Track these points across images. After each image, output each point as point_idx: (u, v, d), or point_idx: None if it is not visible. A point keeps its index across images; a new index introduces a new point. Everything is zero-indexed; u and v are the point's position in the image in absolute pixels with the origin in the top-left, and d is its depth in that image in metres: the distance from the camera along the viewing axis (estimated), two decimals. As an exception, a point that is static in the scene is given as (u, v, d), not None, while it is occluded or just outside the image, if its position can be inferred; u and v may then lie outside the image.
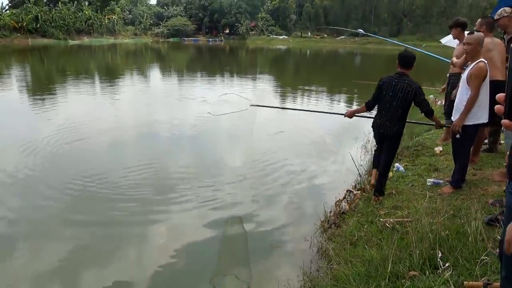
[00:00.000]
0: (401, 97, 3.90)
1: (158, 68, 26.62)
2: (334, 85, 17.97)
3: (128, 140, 7.75)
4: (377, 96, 4.09)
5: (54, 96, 12.51)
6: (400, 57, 4.01)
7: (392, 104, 3.95)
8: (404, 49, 4.42)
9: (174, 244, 3.94)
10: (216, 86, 16.46)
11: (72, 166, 6.01)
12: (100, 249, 3.90)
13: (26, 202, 4.85)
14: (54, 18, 56.38)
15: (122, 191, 5.17)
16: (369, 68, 29.61)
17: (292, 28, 78.20)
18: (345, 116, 4.52)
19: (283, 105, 12.04)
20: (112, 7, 69.71)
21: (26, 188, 5.23)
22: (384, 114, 4.03)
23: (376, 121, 4.15)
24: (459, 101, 3.83)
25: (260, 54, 46.61)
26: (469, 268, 2.51)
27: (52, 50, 39.42)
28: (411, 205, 3.72)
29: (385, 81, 4.02)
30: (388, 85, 3.98)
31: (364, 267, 2.82)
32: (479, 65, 3.60)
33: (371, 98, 4.16)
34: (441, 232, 2.87)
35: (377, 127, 4.14)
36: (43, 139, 7.20)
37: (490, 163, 4.74)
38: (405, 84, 3.90)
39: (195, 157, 6.78)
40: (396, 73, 4.02)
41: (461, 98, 3.80)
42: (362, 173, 5.41)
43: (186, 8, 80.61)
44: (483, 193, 3.85)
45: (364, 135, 7.31)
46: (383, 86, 4.01)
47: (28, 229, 4.26)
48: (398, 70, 4.02)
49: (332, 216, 4.27)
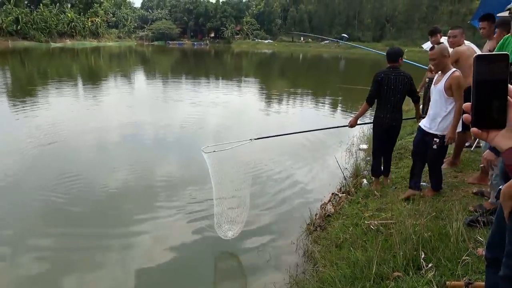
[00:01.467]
0: (401, 89, 4.20)
1: (143, 71, 26.38)
2: (319, 89, 18.12)
3: (110, 144, 7.64)
4: (376, 91, 4.27)
5: (35, 99, 12.24)
6: (387, 54, 4.33)
7: (396, 96, 4.23)
8: (391, 46, 4.64)
9: (159, 250, 3.90)
10: (202, 89, 16.42)
11: (50, 170, 5.89)
12: (80, 259, 3.83)
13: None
14: (35, 20, 55.16)
15: (103, 196, 5.10)
16: (353, 72, 30.00)
17: (277, 32, 78.60)
18: (349, 126, 4.74)
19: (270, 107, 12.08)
20: (96, 9, 68.69)
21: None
22: (390, 108, 4.27)
23: (386, 116, 4.31)
24: (437, 112, 3.74)
25: (246, 58, 46.67)
26: (451, 268, 2.57)
27: (33, 53, 38.61)
28: (395, 207, 3.78)
29: (383, 76, 4.23)
30: (387, 79, 4.21)
31: (350, 269, 2.85)
32: (457, 75, 3.57)
33: (371, 94, 4.35)
34: (424, 233, 2.93)
35: (386, 122, 4.34)
36: (21, 142, 7.06)
37: (471, 165, 4.86)
38: (401, 76, 4.21)
39: (180, 162, 6.74)
40: (389, 68, 4.27)
41: (439, 109, 3.72)
42: (347, 176, 5.48)
43: (171, 11, 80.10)
44: (464, 195, 3.94)
45: (349, 139, 7.41)
46: (383, 81, 4.22)
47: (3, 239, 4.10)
48: (389, 65, 4.28)
49: (318, 219, 4.31)
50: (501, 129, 0.70)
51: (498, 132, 0.70)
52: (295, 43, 72.26)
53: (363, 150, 6.89)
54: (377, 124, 4.49)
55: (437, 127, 3.73)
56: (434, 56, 3.64)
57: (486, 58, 0.71)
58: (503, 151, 0.70)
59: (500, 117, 0.70)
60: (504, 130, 0.70)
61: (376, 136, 4.64)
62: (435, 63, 3.68)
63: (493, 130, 0.71)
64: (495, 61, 0.70)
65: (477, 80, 0.71)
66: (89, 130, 8.30)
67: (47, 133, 7.89)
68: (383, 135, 4.52)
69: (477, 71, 0.71)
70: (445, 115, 3.67)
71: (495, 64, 0.70)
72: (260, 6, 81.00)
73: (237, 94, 15.77)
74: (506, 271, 1.63)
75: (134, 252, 3.87)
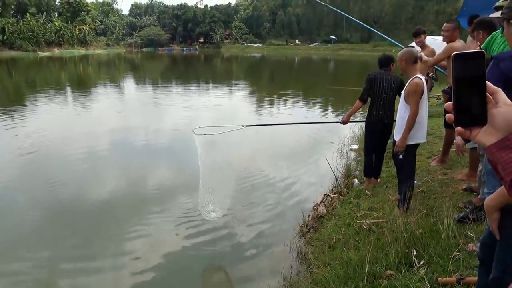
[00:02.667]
0: (394, 87, 4.29)
1: (132, 77, 26.27)
2: (309, 91, 18.20)
3: (100, 150, 7.54)
4: (369, 89, 4.35)
5: (23, 108, 12.12)
6: (379, 61, 4.47)
7: (389, 94, 4.30)
8: (382, 54, 4.73)
9: (152, 256, 3.87)
10: (192, 94, 16.40)
11: (38, 178, 5.84)
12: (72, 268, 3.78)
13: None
14: (22, 30, 54.66)
15: (91, 205, 5.05)
16: (342, 74, 30.22)
17: (266, 36, 78.99)
18: (341, 123, 4.82)
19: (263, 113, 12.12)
20: (83, 17, 68.41)
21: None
22: (383, 104, 4.33)
23: (378, 113, 4.35)
24: (399, 118, 3.67)
25: (235, 62, 46.77)
26: (443, 265, 2.59)
27: (20, 62, 38.24)
28: (386, 206, 3.81)
29: (375, 75, 4.33)
30: (380, 77, 4.30)
31: (343, 269, 2.86)
32: (415, 81, 3.48)
33: (364, 92, 4.42)
34: (415, 231, 2.95)
35: (379, 119, 4.37)
36: (7, 151, 6.98)
37: (460, 162, 4.91)
38: (393, 77, 4.33)
39: (171, 167, 6.71)
40: (380, 70, 4.40)
41: (400, 115, 3.66)
42: (338, 177, 5.49)
43: (159, 17, 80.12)
44: (454, 192, 3.98)
45: (340, 139, 7.43)
46: (375, 79, 4.31)
47: None
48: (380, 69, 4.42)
49: (311, 220, 4.31)
50: (482, 126, 0.71)
51: (480, 129, 0.71)
52: (284, 46, 72.61)
53: (354, 150, 6.92)
54: (369, 121, 4.52)
55: (399, 134, 3.65)
56: (397, 58, 3.68)
57: (463, 56, 0.72)
58: (486, 147, 0.71)
59: (481, 114, 0.71)
60: (485, 126, 0.71)
61: (368, 134, 4.66)
62: (398, 66, 3.69)
63: (475, 127, 0.72)
64: (471, 58, 0.71)
65: (457, 79, 0.72)
66: (77, 138, 8.22)
67: (34, 141, 7.80)
68: (375, 134, 4.52)
69: (456, 70, 0.72)
70: (404, 123, 3.57)
71: (472, 62, 0.71)
72: (249, 10, 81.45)
73: (228, 97, 15.79)
74: (496, 274, 1.66)
75: (125, 261, 3.83)
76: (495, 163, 0.71)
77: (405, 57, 3.57)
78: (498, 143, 0.69)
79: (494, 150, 0.69)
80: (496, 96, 0.71)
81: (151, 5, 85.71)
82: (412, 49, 3.78)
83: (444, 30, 4.77)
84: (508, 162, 0.68)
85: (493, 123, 0.70)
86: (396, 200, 3.82)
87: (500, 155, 0.69)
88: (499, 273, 1.65)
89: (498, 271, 1.66)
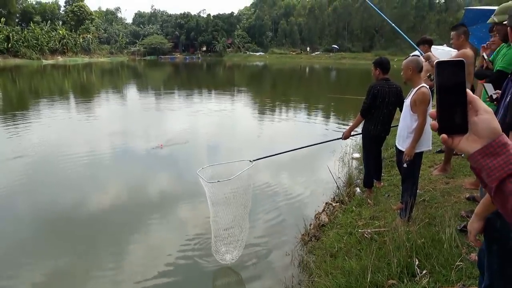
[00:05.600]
0: (393, 101, 4.31)
1: (135, 85, 26.41)
2: (311, 100, 18.25)
3: (102, 159, 7.58)
4: (371, 104, 4.32)
5: (26, 116, 12.18)
6: (383, 64, 4.38)
7: (389, 108, 4.33)
8: (379, 57, 4.67)
9: (155, 264, 3.86)
10: (194, 101, 16.47)
11: (41, 185, 5.85)
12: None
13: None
14: (26, 38, 55.15)
15: (92, 214, 5.06)
16: (344, 82, 30.30)
17: (269, 44, 79.43)
18: (342, 139, 4.84)
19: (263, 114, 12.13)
20: (87, 26, 69.01)
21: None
22: (382, 119, 4.37)
23: (377, 127, 4.39)
24: (403, 127, 3.64)
25: (238, 70, 46.98)
26: (445, 274, 2.58)
27: (24, 70, 38.49)
28: (388, 215, 3.80)
29: (379, 88, 4.30)
30: (383, 92, 4.28)
31: (345, 278, 2.84)
32: (422, 90, 3.45)
33: (366, 107, 4.38)
34: (417, 240, 2.94)
35: (378, 134, 4.44)
36: (9, 158, 7.00)
37: (462, 171, 4.90)
38: (394, 89, 4.32)
39: (174, 176, 6.72)
40: (382, 79, 4.36)
41: (405, 124, 3.62)
42: (340, 186, 5.49)
43: (162, 26, 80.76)
44: (456, 201, 3.97)
45: (341, 148, 7.43)
46: (379, 94, 4.28)
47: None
48: (382, 77, 4.37)
49: (312, 229, 4.30)
50: (464, 134, 0.72)
51: (461, 137, 0.72)
52: (286, 55, 72.96)
53: (356, 159, 6.92)
54: (366, 135, 4.59)
55: (404, 144, 3.62)
56: (402, 67, 3.59)
57: (445, 64, 0.73)
58: (470, 155, 0.72)
59: (462, 122, 0.71)
60: (467, 134, 0.71)
61: (366, 146, 4.73)
62: (402, 74, 3.61)
63: (457, 135, 0.73)
64: (452, 66, 0.72)
65: (439, 86, 0.73)
66: (80, 145, 8.25)
67: (36, 149, 7.87)
68: (372, 146, 4.66)
69: (438, 77, 0.73)
70: (410, 132, 3.55)
71: (453, 69, 0.72)
72: (251, 19, 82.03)
73: (231, 105, 15.84)
74: (487, 281, 1.68)
75: (127, 269, 3.82)
76: (479, 170, 0.71)
77: (413, 65, 3.53)
78: (482, 149, 0.70)
79: (479, 157, 0.70)
80: (475, 104, 0.71)
81: (154, 14, 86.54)
82: (418, 58, 3.74)
83: (451, 38, 4.74)
84: (493, 168, 0.69)
85: (476, 131, 0.71)
86: (398, 209, 3.81)
87: (485, 162, 0.69)
88: (489, 280, 1.66)
89: (488, 278, 1.68)
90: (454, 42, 4.65)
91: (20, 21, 64.18)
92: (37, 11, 68.13)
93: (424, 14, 68.37)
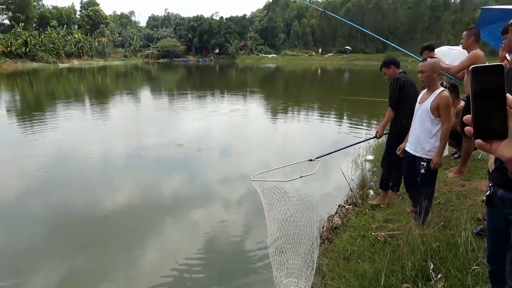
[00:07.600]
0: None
1: (149, 87, 26.71)
2: (324, 101, 18.16)
3: (120, 162, 7.69)
4: (400, 96, 4.10)
5: (42, 118, 12.44)
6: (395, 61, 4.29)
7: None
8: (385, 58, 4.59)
9: (161, 269, 3.89)
10: (207, 102, 16.57)
11: (57, 187, 5.96)
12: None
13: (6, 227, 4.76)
14: (43, 42, 56.47)
15: (108, 217, 5.13)
16: (357, 83, 30.06)
17: (281, 46, 79.37)
18: (377, 137, 4.61)
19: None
20: (102, 30, 70.24)
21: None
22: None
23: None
24: (422, 134, 3.42)
25: (250, 72, 47.05)
26: (461, 279, 2.53)
27: (41, 74, 39.34)
28: (402, 218, 3.75)
29: (404, 79, 4.11)
30: (409, 82, 4.11)
31: (358, 282, 2.82)
32: (446, 95, 3.29)
33: (395, 99, 4.12)
34: (432, 243, 2.90)
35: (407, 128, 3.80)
36: (26, 160, 7.14)
37: (478, 173, 4.81)
38: (413, 80, 4.12)
39: (185, 179, 6.77)
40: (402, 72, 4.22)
41: (424, 129, 3.41)
42: (353, 188, 5.44)
43: (175, 29, 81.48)
44: (472, 204, 3.89)
45: (354, 150, 7.36)
46: (405, 84, 4.09)
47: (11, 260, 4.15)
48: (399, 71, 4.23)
49: (325, 232, 4.27)
50: (503, 140, 0.70)
51: (500, 142, 0.70)
52: (298, 57, 72.76)
53: (369, 161, 6.85)
54: (397, 130, 4.19)
55: (423, 150, 3.43)
56: (424, 68, 3.32)
57: (482, 69, 0.71)
58: (506, 160, 0.70)
59: (501, 127, 0.70)
60: (506, 139, 0.70)
61: (395, 144, 4.12)
62: (425, 76, 3.33)
63: (496, 140, 0.71)
64: (491, 72, 0.70)
65: (475, 92, 0.71)
66: (98, 148, 8.39)
67: (53, 151, 8.02)
68: (396, 144, 4.06)
69: (475, 83, 0.71)
70: (430, 137, 3.37)
71: (492, 75, 0.70)
72: (264, 22, 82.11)
73: (243, 106, 15.89)
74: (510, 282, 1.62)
75: (140, 273, 3.86)
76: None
77: (438, 68, 3.36)
78: None
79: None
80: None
81: (167, 17, 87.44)
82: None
83: (462, 38, 4.69)
84: None
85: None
86: (412, 212, 3.74)
87: None
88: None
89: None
90: (463, 42, 4.60)
91: (37, 26, 65.69)
92: (54, 16, 69.59)
93: (439, 14, 67.33)
